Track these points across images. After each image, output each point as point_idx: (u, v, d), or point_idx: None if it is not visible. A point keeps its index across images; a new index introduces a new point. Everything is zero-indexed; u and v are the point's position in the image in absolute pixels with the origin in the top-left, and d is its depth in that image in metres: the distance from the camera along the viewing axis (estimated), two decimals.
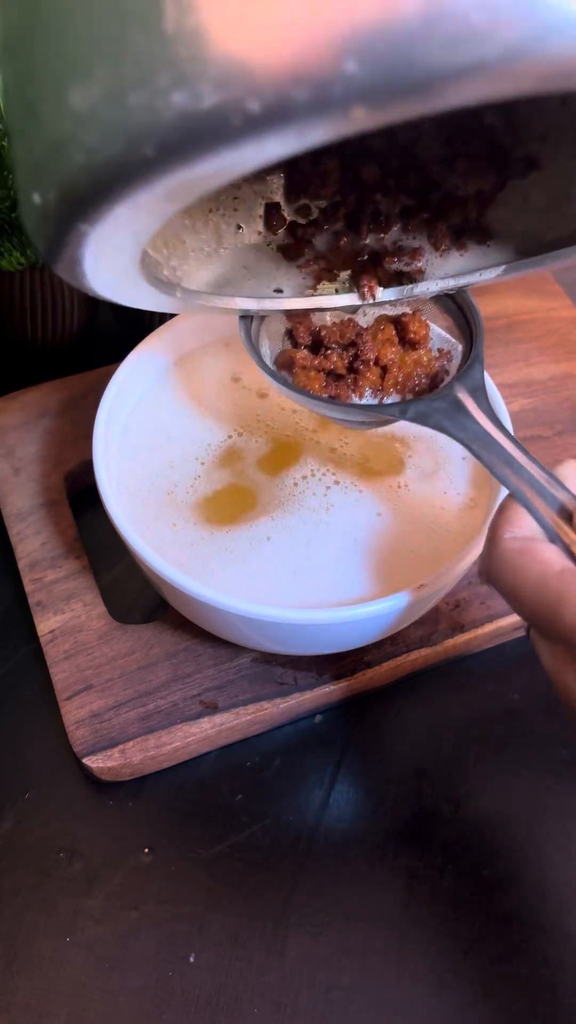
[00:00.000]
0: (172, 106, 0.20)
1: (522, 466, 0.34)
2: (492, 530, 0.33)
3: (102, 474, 0.44)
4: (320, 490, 0.46)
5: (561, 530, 0.32)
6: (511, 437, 0.35)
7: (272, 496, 0.46)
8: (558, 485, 0.33)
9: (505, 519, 0.33)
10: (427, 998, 0.40)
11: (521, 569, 0.31)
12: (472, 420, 0.36)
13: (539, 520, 0.33)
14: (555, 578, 0.30)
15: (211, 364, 0.52)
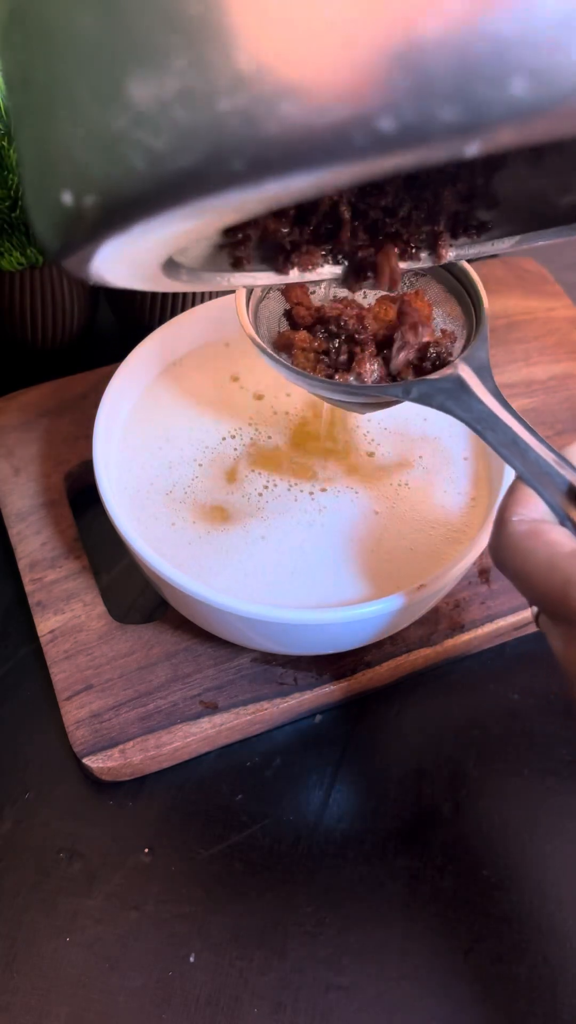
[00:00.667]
0: (281, 117, 0.16)
1: (529, 446, 0.33)
2: (500, 512, 0.33)
3: (102, 474, 0.44)
4: (315, 491, 0.46)
5: (570, 510, 0.32)
6: (518, 417, 0.35)
7: (268, 497, 0.46)
8: (567, 465, 0.33)
9: (513, 501, 0.33)
10: (427, 998, 0.40)
11: (530, 552, 0.31)
12: (477, 400, 0.35)
13: (547, 501, 0.32)
14: (564, 560, 0.30)
15: (211, 364, 0.52)
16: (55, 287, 0.56)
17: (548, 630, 0.33)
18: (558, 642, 0.32)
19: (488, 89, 0.15)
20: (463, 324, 0.41)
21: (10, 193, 0.52)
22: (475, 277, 0.41)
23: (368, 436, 0.48)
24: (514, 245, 0.38)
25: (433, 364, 0.39)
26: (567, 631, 0.31)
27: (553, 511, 0.32)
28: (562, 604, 0.30)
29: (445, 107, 0.15)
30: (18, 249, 0.54)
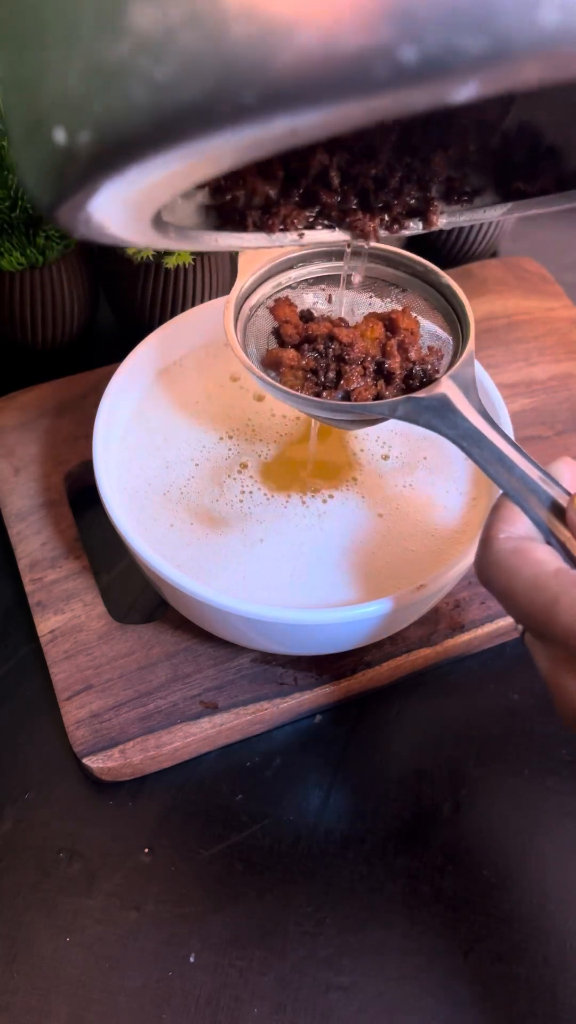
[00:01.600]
0: (296, 47, 0.15)
1: (514, 463, 0.34)
2: (486, 530, 0.33)
3: (102, 474, 0.44)
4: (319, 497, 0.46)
5: (555, 527, 0.32)
6: (503, 434, 0.35)
7: (264, 498, 0.46)
8: (552, 482, 0.33)
9: (499, 518, 0.33)
10: (427, 998, 0.40)
11: (515, 570, 0.31)
12: (462, 417, 0.36)
13: (533, 518, 0.32)
14: (550, 579, 0.30)
15: (211, 364, 0.52)
16: (55, 287, 0.57)
17: (534, 648, 0.33)
18: (543, 661, 0.32)
19: (515, 18, 0.14)
20: (450, 340, 0.41)
21: (10, 193, 0.52)
22: (461, 294, 0.41)
23: (380, 440, 0.48)
24: (506, 212, 0.37)
25: (420, 381, 0.40)
26: (552, 650, 0.31)
27: (538, 528, 0.32)
28: (546, 624, 0.30)
29: (469, 37, 0.14)
30: (18, 249, 0.54)
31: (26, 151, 0.20)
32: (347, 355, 0.40)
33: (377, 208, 0.36)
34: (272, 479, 0.47)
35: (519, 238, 0.74)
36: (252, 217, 0.34)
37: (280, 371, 0.40)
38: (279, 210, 0.34)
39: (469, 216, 0.37)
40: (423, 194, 0.36)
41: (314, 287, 0.44)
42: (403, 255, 0.43)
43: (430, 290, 0.42)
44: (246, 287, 0.41)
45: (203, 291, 0.58)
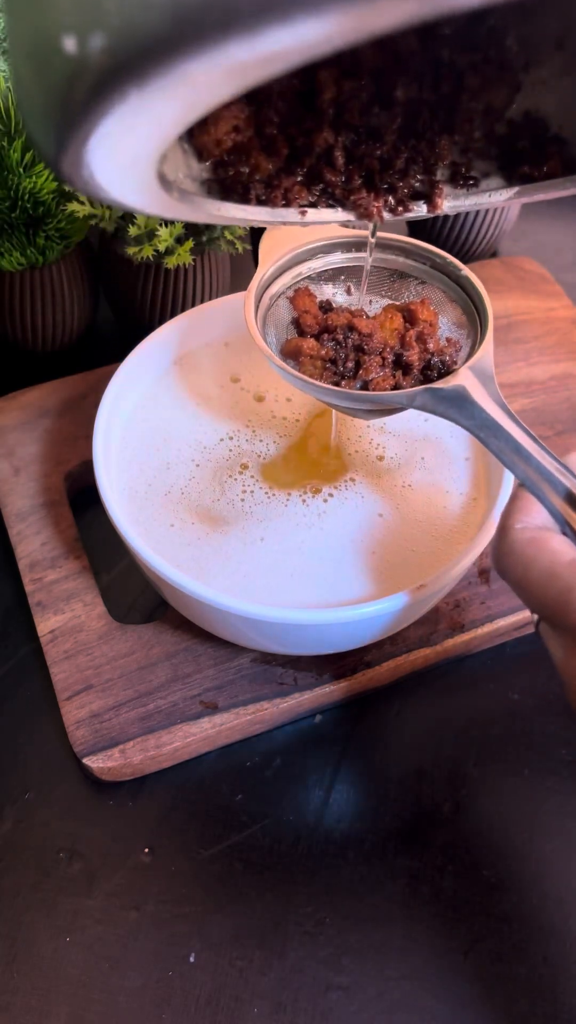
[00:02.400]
0: None
1: (531, 454, 0.34)
2: (503, 520, 0.33)
3: (102, 474, 0.44)
4: (319, 496, 0.46)
5: (570, 517, 0.32)
6: (520, 424, 0.35)
7: (265, 497, 0.46)
8: (568, 473, 0.33)
9: (516, 508, 0.33)
10: (427, 998, 0.40)
11: (530, 560, 0.31)
12: (479, 408, 0.36)
13: (549, 508, 0.33)
14: (565, 568, 0.30)
15: (211, 365, 0.52)
16: (55, 287, 0.57)
17: (548, 638, 0.33)
18: (558, 650, 0.32)
19: None
20: (467, 332, 0.41)
21: (10, 193, 0.52)
22: (480, 286, 0.41)
23: (375, 441, 0.48)
24: (512, 197, 0.37)
25: (438, 372, 0.40)
26: (566, 640, 0.31)
27: (554, 518, 0.33)
28: (562, 613, 0.30)
29: None
30: (18, 249, 0.54)
31: (31, 75, 0.19)
32: (366, 345, 0.40)
33: (382, 189, 0.36)
34: (272, 479, 0.47)
35: (519, 238, 0.74)
36: (255, 190, 0.33)
37: (299, 360, 0.40)
38: (281, 183, 0.34)
39: (475, 200, 0.37)
40: (428, 177, 0.36)
41: (334, 278, 0.44)
42: (422, 247, 0.43)
43: (449, 282, 0.42)
44: (267, 276, 0.42)
45: (203, 291, 0.58)
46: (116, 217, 0.54)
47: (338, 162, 0.35)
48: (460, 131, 0.36)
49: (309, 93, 0.34)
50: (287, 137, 0.34)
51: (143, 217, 0.52)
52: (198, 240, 0.55)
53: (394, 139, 0.35)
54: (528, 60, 0.35)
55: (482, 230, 0.66)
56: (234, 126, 0.32)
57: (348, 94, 0.34)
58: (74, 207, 0.52)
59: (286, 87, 0.33)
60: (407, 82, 0.34)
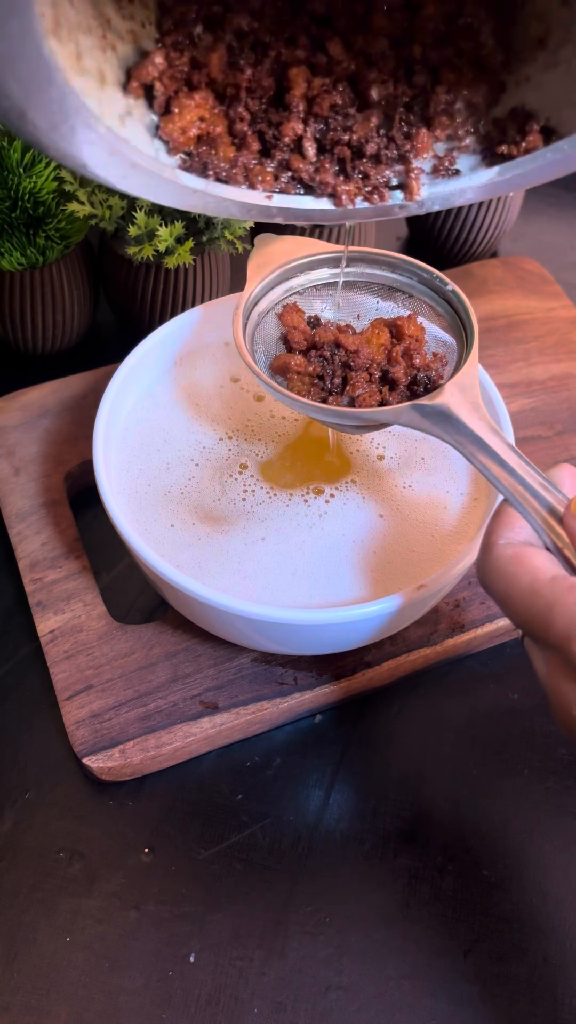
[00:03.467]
0: None
1: (514, 469, 0.34)
2: (486, 536, 0.33)
3: (102, 474, 0.44)
4: (320, 497, 0.46)
5: (553, 533, 0.32)
6: (504, 439, 0.35)
7: (267, 497, 0.46)
8: (552, 488, 0.33)
9: (499, 524, 0.33)
10: (427, 998, 0.40)
11: (513, 577, 0.31)
12: (463, 424, 0.36)
13: (532, 523, 0.33)
14: (546, 585, 0.30)
15: (211, 365, 0.52)
16: (55, 287, 0.57)
17: (532, 652, 0.33)
18: (541, 665, 0.33)
19: None
20: (454, 347, 0.41)
21: (10, 193, 0.52)
22: (466, 300, 0.41)
23: (375, 441, 0.48)
24: (493, 178, 0.35)
25: (424, 387, 0.40)
26: (549, 655, 0.32)
27: (537, 533, 0.33)
28: (543, 629, 0.30)
29: None
30: (18, 249, 0.54)
31: None
32: (353, 362, 0.40)
33: (356, 177, 0.35)
34: (272, 479, 0.47)
35: (519, 238, 0.74)
36: (213, 169, 0.33)
37: (287, 376, 0.41)
38: (239, 160, 0.33)
39: (455, 186, 0.35)
40: (405, 165, 0.35)
41: (321, 293, 0.44)
42: (409, 261, 0.43)
43: (435, 296, 0.43)
44: (255, 293, 0.42)
45: (203, 291, 0.58)
46: (116, 217, 0.54)
47: (308, 153, 0.34)
48: (440, 125, 0.35)
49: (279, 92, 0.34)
50: (256, 132, 0.34)
51: (143, 217, 0.52)
52: (198, 240, 0.55)
53: (367, 130, 0.35)
54: (511, 60, 0.35)
55: (482, 230, 0.66)
56: (200, 116, 0.32)
57: (319, 90, 0.33)
58: (74, 207, 0.52)
59: (255, 83, 0.33)
60: (381, 81, 0.34)
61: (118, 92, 0.30)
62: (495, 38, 0.34)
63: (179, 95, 0.31)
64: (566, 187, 0.78)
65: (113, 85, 0.30)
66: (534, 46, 0.34)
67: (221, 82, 0.32)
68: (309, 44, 0.34)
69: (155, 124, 0.32)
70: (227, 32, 0.32)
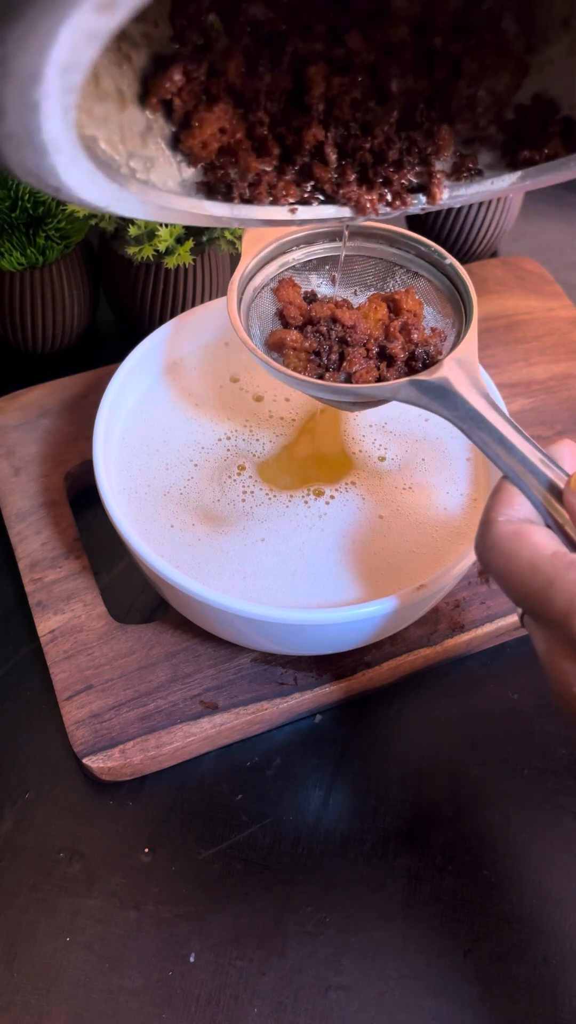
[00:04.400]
0: None
1: (514, 445, 0.34)
2: (486, 512, 0.33)
3: (102, 474, 0.44)
4: (321, 498, 0.46)
5: (553, 509, 0.32)
6: (503, 414, 0.35)
7: (266, 498, 0.46)
8: (552, 464, 0.33)
9: (499, 501, 0.33)
10: (427, 998, 0.40)
11: (513, 553, 0.31)
12: (462, 400, 0.36)
13: (532, 500, 0.33)
14: (546, 562, 0.30)
15: (210, 365, 0.52)
16: (55, 287, 0.57)
17: (532, 630, 0.33)
18: (540, 642, 0.32)
19: None
20: (453, 321, 0.41)
21: (10, 193, 0.52)
22: (465, 274, 0.41)
23: (377, 442, 0.48)
24: (515, 183, 0.35)
25: (422, 363, 0.40)
26: (548, 633, 0.31)
27: (537, 510, 0.33)
28: (543, 606, 0.30)
29: None
30: (18, 249, 0.54)
31: None
32: (350, 337, 0.40)
33: (377, 183, 0.35)
34: (270, 479, 0.47)
35: (519, 238, 0.74)
36: (238, 189, 0.32)
37: (283, 352, 0.40)
38: (263, 179, 0.33)
39: (476, 189, 0.35)
40: (426, 168, 0.35)
41: (319, 268, 0.43)
42: (407, 235, 0.42)
43: (434, 271, 0.42)
44: (249, 268, 0.41)
45: (203, 291, 0.58)
46: (116, 217, 0.54)
47: (330, 158, 0.34)
48: (462, 120, 0.34)
49: (297, 89, 0.33)
50: (276, 136, 0.33)
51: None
52: (198, 240, 0.55)
53: (388, 131, 0.34)
54: (534, 42, 0.34)
55: (482, 230, 0.66)
56: (220, 128, 0.31)
57: (339, 90, 0.33)
58: (74, 207, 0.52)
59: (274, 86, 0.32)
60: (401, 73, 0.33)
61: (137, 109, 0.30)
62: (519, 24, 0.33)
63: (198, 108, 0.31)
64: (566, 187, 0.78)
65: (132, 102, 0.29)
66: (559, 27, 0.33)
67: (239, 87, 0.32)
68: (325, 34, 0.32)
69: (174, 135, 0.31)
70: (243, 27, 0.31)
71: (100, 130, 0.28)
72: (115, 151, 0.30)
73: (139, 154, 0.31)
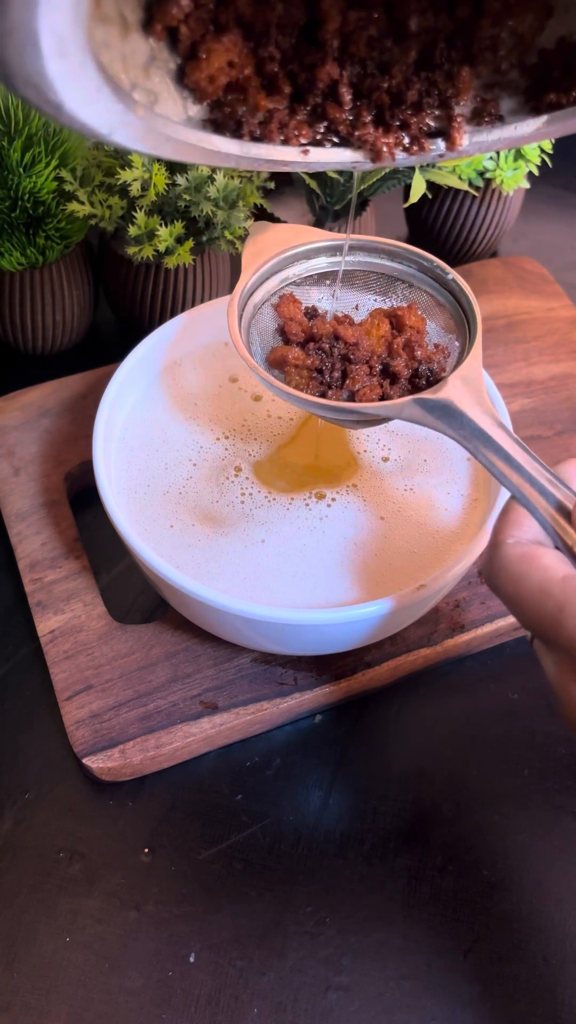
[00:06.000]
0: None
1: (521, 465, 0.33)
2: (494, 534, 0.32)
3: (102, 474, 0.44)
4: (320, 500, 0.46)
5: (561, 530, 0.31)
6: (510, 434, 0.34)
7: (266, 501, 0.46)
8: (559, 484, 0.32)
9: (507, 522, 0.32)
10: (427, 998, 0.40)
11: (523, 577, 0.30)
12: (467, 418, 0.35)
13: (540, 521, 0.32)
14: (557, 586, 0.29)
15: (210, 365, 0.52)
16: (55, 287, 0.57)
17: (541, 654, 0.32)
18: (550, 667, 0.32)
19: None
20: (456, 337, 0.40)
21: (10, 193, 0.52)
22: (468, 290, 0.40)
23: (380, 442, 0.48)
24: (541, 128, 0.33)
25: (426, 380, 0.39)
26: (559, 657, 0.31)
27: (546, 531, 0.32)
28: (553, 631, 0.29)
29: None
30: (18, 249, 0.54)
31: None
32: (352, 354, 0.39)
33: (394, 126, 0.32)
34: (268, 480, 0.47)
35: (519, 238, 0.74)
36: (248, 126, 0.30)
37: (285, 370, 0.39)
38: (275, 116, 0.31)
39: (499, 135, 0.33)
40: (446, 111, 0.33)
41: (319, 283, 0.43)
42: (409, 249, 0.42)
43: (437, 286, 0.42)
44: (250, 284, 0.41)
45: (203, 291, 0.58)
46: (116, 217, 0.53)
47: (345, 99, 0.31)
48: (483, 62, 0.32)
49: (311, 24, 0.30)
50: (288, 73, 0.31)
51: (143, 217, 0.52)
52: (198, 240, 0.55)
53: (406, 71, 0.32)
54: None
55: (482, 230, 0.66)
56: (228, 61, 0.29)
57: (355, 25, 0.30)
58: (74, 207, 0.52)
59: (286, 19, 0.30)
60: (421, 9, 0.31)
61: (140, 37, 0.27)
62: None
63: (206, 38, 0.28)
64: (566, 187, 0.78)
65: (135, 28, 0.27)
66: None
67: (249, 18, 0.29)
68: None
69: (179, 68, 0.29)
70: None
71: (102, 55, 0.25)
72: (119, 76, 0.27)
73: (142, 86, 0.28)
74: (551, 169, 0.70)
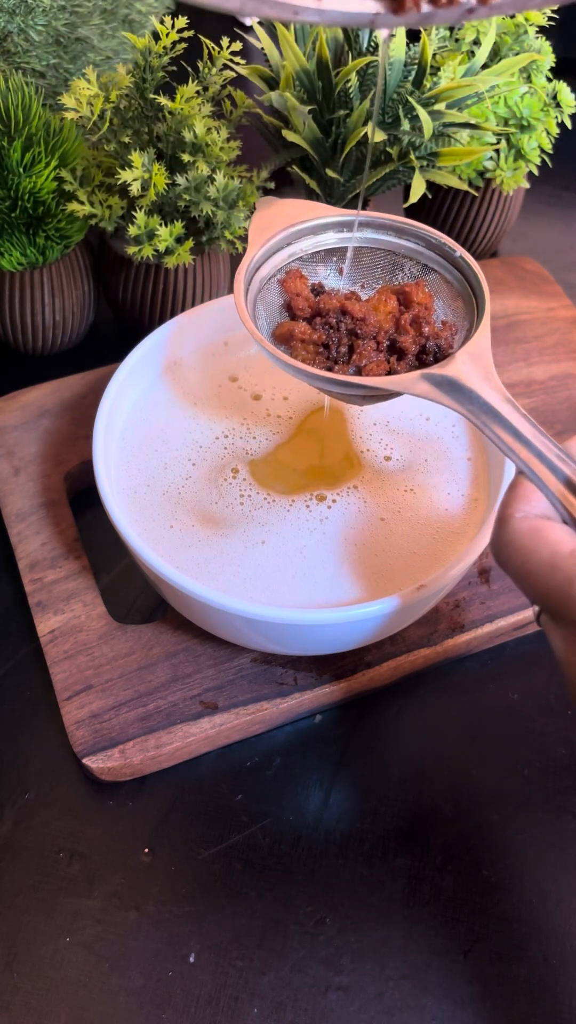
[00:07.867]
0: None
1: (529, 440, 0.33)
2: (502, 509, 0.32)
3: (102, 474, 0.44)
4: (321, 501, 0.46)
5: (569, 503, 0.31)
6: (518, 409, 0.34)
7: (265, 502, 0.46)
8: (568, 459, 0.32)
9: (515, 497, 0.32)
10: (427, 998, 0.40)
11: (531, 550, 0.30)
12: (476, 394, 0.35)
13: (548, 496, 0.32)
14: (565, 559, 0.29)
15: (210, 364, 0.52)
16: (55, 287, 0.56)
17: (549, 629, 0.32)
18: (558, 642, 0.32)
19: None
20: (464, 314, 0.40)
21: (10, 193, 0.52)
22: (476, 266, 0.40)
23: (383, 441, 0.48)
24: None
25: (434, 356, 0.39)
26: (567, 631, 0.31)
27: (554, 506, 0.32)
28: (563, 605, 0.29)
29: None
30: (18, 249, 0.54)
31: None
32: (360, 329, 0.39)
33: None
34: (266, 483, 0.47)
35: (519, 238, 0.74)
36: None
37: (291, 345, 0.39)
38: None
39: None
40: None
41: (326, 259, 0.43)
42: (417, 226, 0.42)
43: (444, 263, 0.41)
44: (256, 258, 0.40)
45: (203, 291, 0.58)
46: (116, 217, 0.54)
47: None
48: None
49: None
50: None
51: (143, 217, 0.52)
52: (198, 240, 0.55)
53: None
54: None
55: (482, 230, 0.66)
56: None
57: None
58: (74, 207, 0.52)
59: None
60: None
61: None
62: None
63: None
64: (566, 187, 0.78)
65: None
66: None
67: None
68: None
69: None
70: None
71: None
72: None
73: None
74: (551, 169, 0.70)
